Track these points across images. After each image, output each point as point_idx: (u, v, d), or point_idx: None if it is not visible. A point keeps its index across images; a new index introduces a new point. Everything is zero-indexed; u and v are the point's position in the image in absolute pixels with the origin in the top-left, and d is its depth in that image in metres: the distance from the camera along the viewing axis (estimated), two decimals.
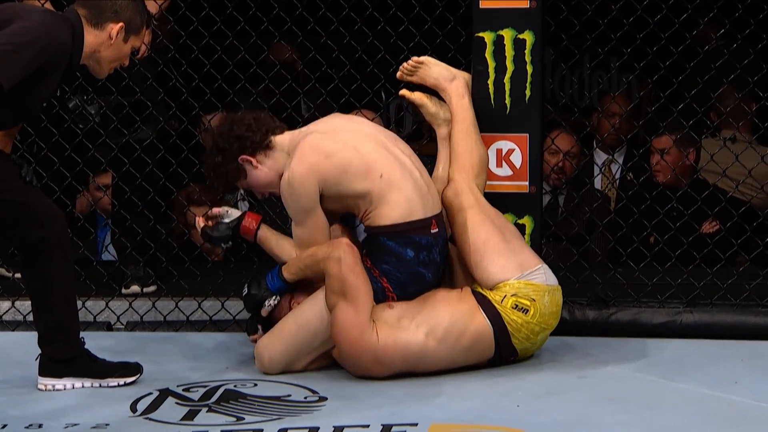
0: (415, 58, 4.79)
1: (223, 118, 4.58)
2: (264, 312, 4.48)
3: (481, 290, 4.45)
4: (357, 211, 4.46)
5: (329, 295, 4.32)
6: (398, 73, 4.80)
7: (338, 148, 4.40)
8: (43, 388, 4.32)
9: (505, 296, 4.40)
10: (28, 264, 4.23)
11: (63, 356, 4.31)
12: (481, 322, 4.38)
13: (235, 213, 4.61)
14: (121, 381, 4.36)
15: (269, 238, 4.56)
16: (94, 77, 4.29)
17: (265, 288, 4.48)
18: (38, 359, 4.33)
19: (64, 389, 4.32)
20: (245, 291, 4.51)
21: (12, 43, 3.91)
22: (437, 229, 4.46)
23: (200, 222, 4.62)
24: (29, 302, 4.99)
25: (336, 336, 4.32)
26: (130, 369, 4.39)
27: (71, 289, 4.30)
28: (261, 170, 4.47)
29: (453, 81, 4.76)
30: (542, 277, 4.47)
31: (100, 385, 4.34)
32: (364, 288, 4.31)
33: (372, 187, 4.38)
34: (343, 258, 4.30)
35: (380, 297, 4.40)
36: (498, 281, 4.43)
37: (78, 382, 4.33)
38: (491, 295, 4.41)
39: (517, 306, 4.40)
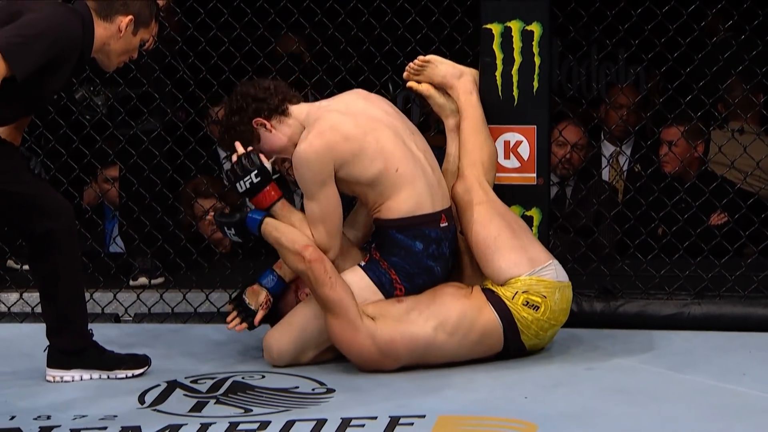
0: (421, 57, 4.77)
1: (242, 82, 4.53)
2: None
3: (491, 286, 4.44)
4: (365, 200, 4.45)
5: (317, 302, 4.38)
6: (405, 73, 4.78)
7: (358, 133, 4.35)
8: (51, 379, 4.33)
9: (516, 293, 4.40)
10: (36, 256, 4.24)
11: (71, 348, 4.31)
12: (490, 317, 4.38)
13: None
14: (129, 373, 4.36)
15: (283, 215, 4.42)
16: (101, 68, 4.29)
17: (244, 226, 4.44)
18: (46, 351, 4.34)
19: (72, 381, 4.32)
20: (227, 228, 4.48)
21: (24, 35, 3.91)
22: (447, 223, 4.45)
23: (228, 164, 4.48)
24: (37, 294, 5.01)
25: (335, 344, 4.36)
26: (138, 361, 4.40)
27: (79, 280, 4.31)
28: (275, 135, 4.41)
29: (461, 78, 4.75)
30: (553, 273, 4.46)
31: (108, 377, 4.34)
32: (340, 294, 4.28)
33: (385, 180, 4.36)
34: (311, 276, 4.30)
35: (388, 289, 4.40)
36: (509, 277, 4.43)
37: (86, 374, 4.33)
38: (502, 291, 4.41)
39: (528, 303, 4.40)
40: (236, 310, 4.49)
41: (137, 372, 4.38)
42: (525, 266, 4.43)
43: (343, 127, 4.35)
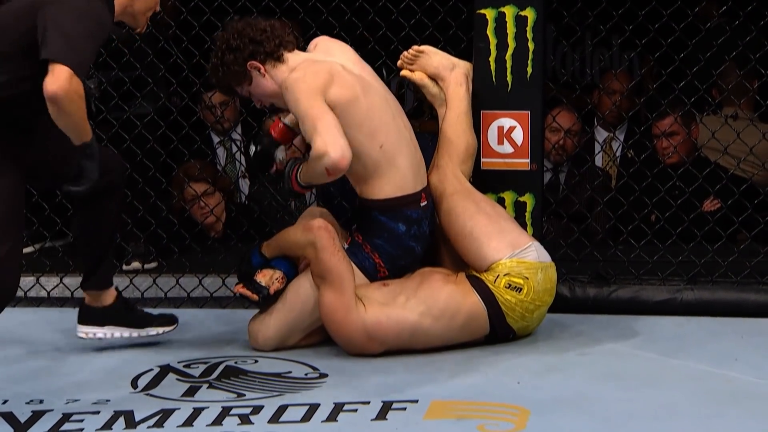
0: (415, 47, 4.77)
1: (238, 20, 4.46)
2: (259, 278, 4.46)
3: (474, 273, 4.45)
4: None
5: (314, 278, 4.34)
6: (399, 62, 4.78)
7: (354, 90, 4.33)
8: (83, 335, 4.39)
9: (498, 276, 4.41)
10: (89, 205, 4.29)
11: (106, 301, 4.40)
12: (474, 302, 4.39)
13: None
14: (161, 330, 4.45)
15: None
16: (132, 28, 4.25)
17: (248, 262, 4.48)
18: (80, 307, 4.42)
19: (105, 337, 4.39)
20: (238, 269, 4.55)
21: (73, 39, 3.89)
22: (426, 202, 4.46)
23: None
24: (30, 278, 5.02)
25: (324, 319, 4.35)
26: (168, 319, 4.45)
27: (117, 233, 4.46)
28: (267, 80, 4.39)
29: (453, 70, 4.74)
30: (534, 254, 4.47)
31: (139, 335, 4.41)
32: (343, 268, 4.30)
33: (369, 152, 4.34)
34: (318, 241, 4.29)
35: (371, 272, 4.41)
36: (490, 263, 4.44)
37: (117, 332, 4.41)
38: (484, 276, 4.42)
39: (510, 285, 4.41)
40: (246, 286, 4.44)
41: (168, 329, 4.44)
42: (505, 250, 4.44)
43: (341, 74, 4.34)
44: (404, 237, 4.42)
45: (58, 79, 3.79)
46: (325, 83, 4.29)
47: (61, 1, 3.93)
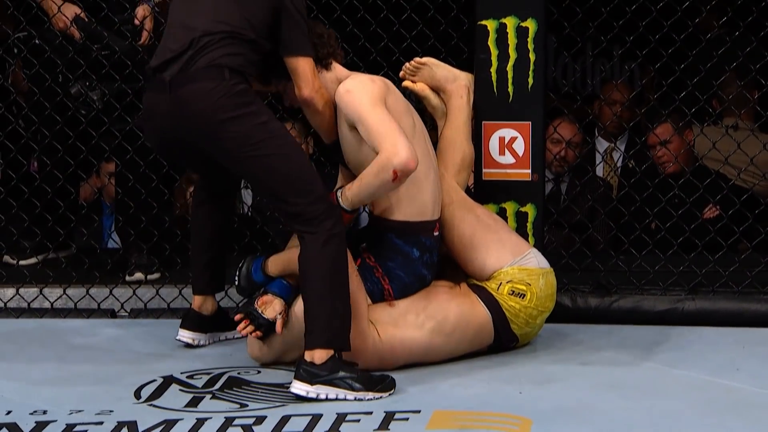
0: (417, 59, 4.77)
1: None
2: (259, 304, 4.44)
3: (476, 282, 4.46)
4: None
5: None
6: (401, 73, 4.79)
7: (406, 105, 4.34)
8: (190, 341, 4.64)
9: (501, 283, 4.42)
10: (212, 204, 4.56)
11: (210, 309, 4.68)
12: (481, 312, 4.39)
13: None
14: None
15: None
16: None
17: (249, 278, 4.46)
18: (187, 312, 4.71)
19: (207, 344, 4.67)
20: (236, 281, 4.49)
21: (304, 27, 4.20)
22: (438, 233, 4.43)
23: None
24: (33, 289, 5.03)
25: None
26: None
27: None
28: None
29: (455, 82, 4.75)
30: (534, 261, 4.48)
31: (226, 338, 4.72)
32: (358, 292, 4.24)
33: None
34: None
35: (377, 298, 4.35)
36: (492, 271, 4.44)
37: (215, 337, 4.70)
38: (487, 284, 4.43)
39: (513, 292, 4.41)
40: (247, 318, 4.36)
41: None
42: (506, 258, 4.45)
43: (394, 89, 4.34)
44: (417, 263, 4.38)
45: (308, 81, 4.13)
46: (382, 91, 4.25)
47: None
